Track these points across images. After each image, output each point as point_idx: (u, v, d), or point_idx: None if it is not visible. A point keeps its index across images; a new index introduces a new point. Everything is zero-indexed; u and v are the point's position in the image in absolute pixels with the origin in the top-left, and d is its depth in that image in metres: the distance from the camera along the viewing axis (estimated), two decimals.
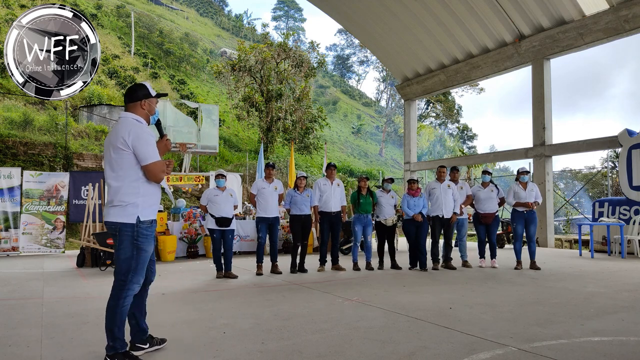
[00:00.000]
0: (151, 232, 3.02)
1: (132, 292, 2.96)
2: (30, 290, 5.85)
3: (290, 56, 21.20)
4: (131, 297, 2.97)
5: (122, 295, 2.93)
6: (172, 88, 28.25)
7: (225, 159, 21.21)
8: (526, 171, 7.76)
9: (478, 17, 13.43)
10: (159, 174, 2.93)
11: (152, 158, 2.91)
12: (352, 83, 60.06)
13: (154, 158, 2.92)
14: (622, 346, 3.30)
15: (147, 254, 2.99)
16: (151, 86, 3.15)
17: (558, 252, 10.98)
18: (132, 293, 2.96)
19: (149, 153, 2.91)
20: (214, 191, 6.99)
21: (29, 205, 10.49)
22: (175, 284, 6.30)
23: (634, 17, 10.59)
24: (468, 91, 33.39)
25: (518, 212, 7.62)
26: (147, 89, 3.05)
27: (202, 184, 12.32)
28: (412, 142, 17.40)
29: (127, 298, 2.94)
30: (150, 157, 2.91)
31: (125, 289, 2.93)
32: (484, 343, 3.37)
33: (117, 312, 2.91)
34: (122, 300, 2.92)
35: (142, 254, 2.96)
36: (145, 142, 2.91)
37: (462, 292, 5.50)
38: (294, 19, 59.25)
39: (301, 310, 4.50)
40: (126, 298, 2.94)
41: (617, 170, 11.47)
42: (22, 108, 17.69)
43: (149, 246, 2.99)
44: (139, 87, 3.05)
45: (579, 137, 56.42)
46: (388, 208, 7.66)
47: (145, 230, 2.96)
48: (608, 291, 5.50)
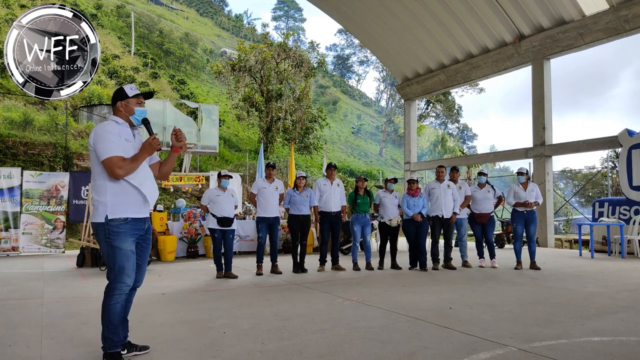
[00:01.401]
0: (127, 230, 2.92)
1: (119, 292, 2.93)
2: (30, 290, 5.85)
3: (290, 56, 21.19)
4: (119, 297, 2.93)
5: (109, 294, 2.93)
6: (172, 88, 28.26)
7: (225, 159, 21.21)
8: (521, 172, 7.76)
9: (478, 17, 13.43)
10: (113, 169, 2.85)
11: (105, 154, 2.86)
12: (352, 83, 60.08)
13: (108, 154, 2.86)
14: (622, 346, 3.30)
15: (123, 252, 2.91)
16: (134, 87, 3.11)
17: (558, 252, 10.98)
18: (119, 293, 2.93)
19: (104, 149, 2.87)
20: (215, 191, 6.99)
21: (29, 205, 10.49)
22: (175, 284, 6.30)
23: (634, 17, 10.59)
24: (468, 91, 33.38)
25: (518, 212, 7.63)
26: (123, 91, 3.06)
27: (202, 184, 12.33)
28: (412, 142, 17.40)
29: (112, 297, 2.92)
30: (104, 153, 2.87)
31: (110, 288, 2.94)
32: (484, 343, 3.37)
33: (104, 312, 2.93)
34: (108, 299, 2.92)
35: (117, 252, 2.91)
36: (102, 139, 2.89)
37: (462, 292, 5.50)
38: (294, 19, 59.26)
39: (301, 310, 4.50)
40: (112, 297, 2.92)
41: (617, 170, 11.47)
42: (22, 108, 17.69)
43: (124, 243, 2.91)
44: (117, 91, 3.09)
45: (581, 136, 56.37)
46: (392, 208, 7.65)
47: (116, 228, 2.90)
48: (608, 291, 5.50)
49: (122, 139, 2.97)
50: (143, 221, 3.06)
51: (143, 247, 3.13)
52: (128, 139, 3.02)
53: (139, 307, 4.68)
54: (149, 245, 3.20)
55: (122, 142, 2.95)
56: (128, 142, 3.00)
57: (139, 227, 3.02)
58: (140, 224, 3.03)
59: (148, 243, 3.17)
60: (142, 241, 3.10)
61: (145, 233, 3.10)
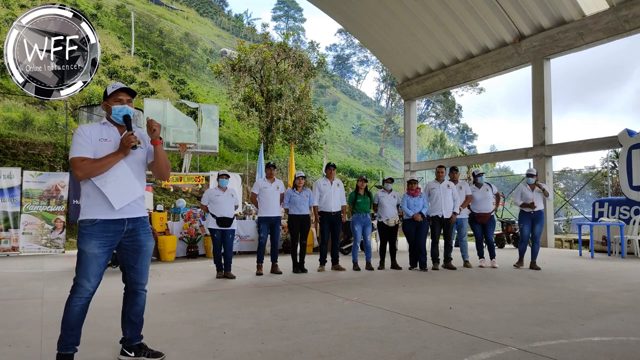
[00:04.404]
0: (93, 232, 2.84)
1: (78, 295, 2.85)
2: (30, 290, 5.85)
3: (290, 56, 21.19)
4: (78, 300, 2.85)
5: (70, 295, 2.88)
6: (172, 88, 28.26)
7: (225, 159, 21.22)
8: (531, 174, 7.78)
9: (478, 17, 13.43)
10: (73, 171, 2.85)
11: (71, 155, 2.87)
12: (352, 83, 60.12)
13: (70, 156, 2.87)
14: (622, 346, 3.30)
15: (86, 255, 2.84)
16: (116, 85, 3.04)
17: (558, 252, 10.98)
18: (78, 295, 2.85)
19: (71, 150, 2.88)
20: (215, 191, 6.99)
21: (29, 205, 10.49)
22: (175, 284, 6.30)
23: (634, 17, 10.59)
24: (468, 91, 33.39)
25: (525, 212, 7.64)
26: (105, 91, 3.03)
27: (202, 184, 12.33)
28: (412, 142, 17.40)
29: (72, 299, 2.85)
30: (71, 154, 2.87)
31: (71, 289, 2.88)
32: (484, 343, 3.37)
33: (64, 311, 2.87)
34: (68, 299, 2.87)
35: (81, 254, 2.87)
36: (72, 142, 2.90)
37: (462, 292, 5.50)
38: (294, 19, 59.24)
39: (301, 310, 4.50)
40: (72, 299, 2.85)
41: (617, 170, 11.47)
42: (22, 108, 17.69)
43: (87, 245, 2.83)
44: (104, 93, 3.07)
45: (586, 134, 56.27)
46: (390, 208, 7.66)
47: (83, 230, 2.86)
48: (608, 291, 5.50)
49: (96, 139, 2.90)
50: (120, 222, 2.91)
51: (135, 249, 2.99)
52: (107, 138, 2.94)
53: None
54: (143, 246, 3.02)
55: (90, 142, 2.88)
56: (105, 142, 2.92)
57: (113, 229, 2.89)
58: (115, 226, 2.90)
59: (140, 244, 3.00)
60: (130, 243, 2.98)
61: (129, 235, 2.96)
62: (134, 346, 3.07)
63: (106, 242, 2.88)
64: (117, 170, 2.92)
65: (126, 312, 3.06)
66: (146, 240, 3.04)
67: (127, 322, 3.06)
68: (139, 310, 3.07)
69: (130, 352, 3.05)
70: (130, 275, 3.03)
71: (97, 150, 2.89)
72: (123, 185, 2.92)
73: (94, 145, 2.89)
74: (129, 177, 2.96)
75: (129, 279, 3.04)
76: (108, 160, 2.87)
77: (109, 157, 2.89)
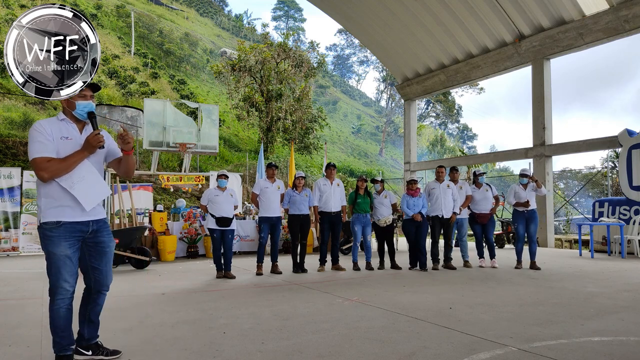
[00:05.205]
0: (60, 234, 2.76)
1: (60, 297, 2.81)
2: (30, 290, 5.85)
3: (290, 56, 21.20)
4: (61, 302, 2.83)
5: (51, 299, 2.84)
6: (172, 88, 28.27)
7: (225, 159, 21.22)
8: (524, 174, 7.77)
9: (478, 17, 13.44)
10: (38, 172, 2.69)
11: (31, 156, 2.71)
12: (352, 83, 60.13)
13: (32, 155, 2.71)
14: (622, 346, 3.30)
15: (57, 257, 2.77)
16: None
17: (558, 252, 10.98)
18: (60, 297, 2.82)
19: (30, 150, 2.72)
20: (214, 191, 6.99)
21: (29, 205, 10.49)
22: (175, 284, 6.30)
23: (634, 17, 10.60)
24: (468, 91, 33.39)
25: (518, 212, 7.65)
26: None
27: (202, 184, 12.33)
28: (412, 142, 17.40)
29: (55, 302, 2.82)
30: (30, 154, 2.72)
31: (51, 292, 2.84)
32: (484, 343, 3.37)
33: (50, 316, 2.85)
34: (51, 303, 2.83)
35: (51, 256, 2.78)
36: (30, 139, 2.74)
37: (462, 292, 5.50)
38: (294, 19, 59.25)
39: (301, 310, 4.50)
40: (54, 302, 2.83)
41: (617, 170, 11.47)
42: (22, 108, 17.70)
43: (57, 248, 2.76)
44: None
45: (582, 135, 56.27)
46: (381, 208, 7.69)
47: (49, 232, 2.75)
48: (608, 291, 5.50)
49: (57, 137, 2.78)
50: (85, 224, 2.85)
51: (98, 250, 2.94)
52: (68, 136, 2.82)
53: (139, 307, 4.69)
54: (106, 247, 2.98)
55: (52, 141, 2.76)
56: (67, 140, 2.81)
57: (79, 230, 2.83)
58: (81, 227, 2.84)
59: (104, 246, 2.95)
60: (94, 244, 2.92)
61: (94, 236, 2.91)
62: (91, 345, 3.07)
63: (75, 242, 2.84)
64: (82, 170, 2.83)
65: (87, 312, 3.05)
66: (109, 241, 3.00)
67: (86, 322, 3.05)
68: (100, 310, 3.10)
69: (88, 350, 3.04)
70: (94, 276, 2.99)
71: (60, 149, 2.77)
72: (90, 185, 2.84)
73: (56, 143, 2.77)
74: (95, 177, 2.89)
75: (94, 280, 2.99)
76: (74, 159, 2.77)
77: (74, 156, 2.78)
